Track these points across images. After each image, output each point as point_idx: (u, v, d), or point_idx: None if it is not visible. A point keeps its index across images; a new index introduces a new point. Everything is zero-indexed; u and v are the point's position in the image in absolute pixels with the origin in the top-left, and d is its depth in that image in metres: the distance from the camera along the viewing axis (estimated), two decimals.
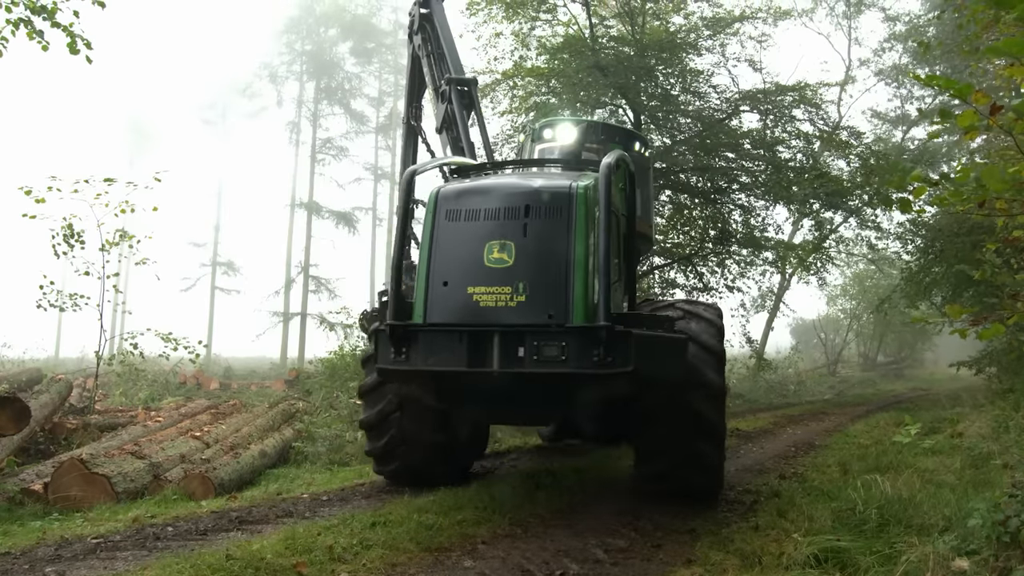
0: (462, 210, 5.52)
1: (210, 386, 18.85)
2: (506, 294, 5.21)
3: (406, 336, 5.29)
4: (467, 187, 5.78)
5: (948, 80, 3.09)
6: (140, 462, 7.47)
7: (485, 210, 5.46)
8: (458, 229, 5.48)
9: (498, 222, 5.39)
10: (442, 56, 10.57)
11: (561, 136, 8.47)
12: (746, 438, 10.99)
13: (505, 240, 5.30)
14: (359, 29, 40.74)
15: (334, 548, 4.50)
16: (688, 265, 20.82)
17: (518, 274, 5.22)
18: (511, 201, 5.46)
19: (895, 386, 29.31)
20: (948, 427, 10.33)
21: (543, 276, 5.25)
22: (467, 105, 9.81)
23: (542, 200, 5.44)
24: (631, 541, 4.98)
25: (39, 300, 12.17)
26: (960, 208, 3.58)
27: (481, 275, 5.26)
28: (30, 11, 7.85)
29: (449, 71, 10.28)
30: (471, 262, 5.32)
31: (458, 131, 9.62)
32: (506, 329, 5.10)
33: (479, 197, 5.57)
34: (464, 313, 5.25)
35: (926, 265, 17.88)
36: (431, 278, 5.41)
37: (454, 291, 5.31)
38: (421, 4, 11.07)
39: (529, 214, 5.37)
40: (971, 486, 5.92)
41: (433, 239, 5.51)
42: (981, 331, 4.44)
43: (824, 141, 19.63)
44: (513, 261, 5.25)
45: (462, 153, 9.27)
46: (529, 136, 8.99)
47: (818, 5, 31.28)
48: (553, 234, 5.33)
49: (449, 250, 5.45)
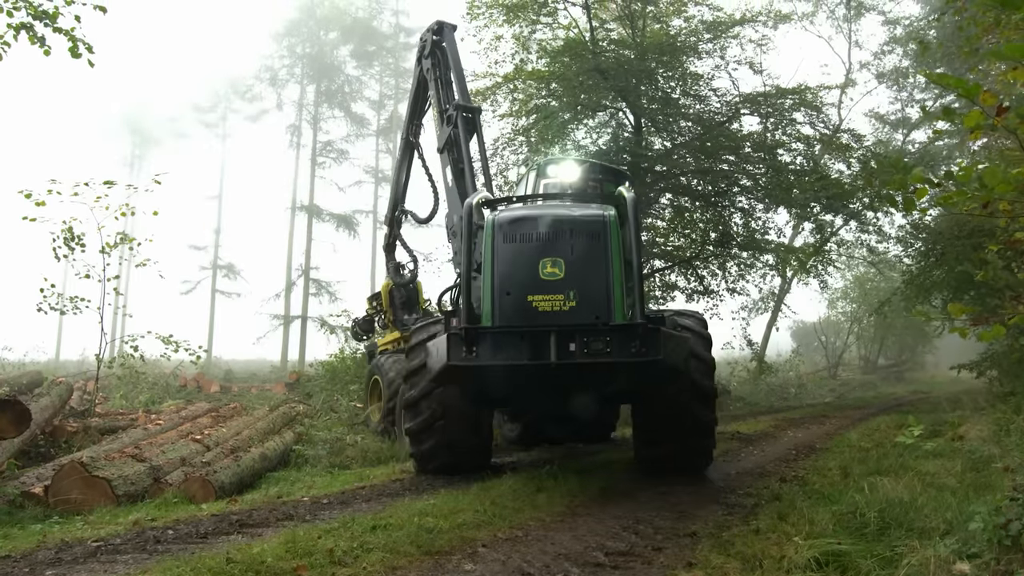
0: (517, 234, 6.78)
1: (210, 389, 18.85)
2: (559, 300, 6.51)
3: (477, 337, 6.35)
4: (520, 215, 7.02)
5: (958, 79, 3.09)
6: (140, 465, 7.46)
7: (537, 234, 6.74)
8: (515, 249, 6.73)
9: (549, 243, 6.68)
10: (449, 82, 11.35)
11: (565, 174, 9.49)
12: (747, 441, 10.98)
13: (556, 257, 6.61)
14: (359, 32, 40.81)
15: (334, 551, 4.50)
16: (689, 268, 20.83)
17: (568, 284, 6.54)
18: (559, 226, 6.77)
19: (896, 389, 29.30)
20: (949, 430, 10.32)
21: (588, 285, 6.58)
22: (470, 131, 10.66)
23: (583, 226, 6.81)
24: (631, 544, 4.97)
25: (39, 303, 12.18)
26: (964, 209, 3.58)
27: (538, 286, 6.54)
28: (32, 16, 7.87)
29: (455, 97, 11.05)
30: (529, 275, 6.59)
31: (459, 153, 10.54)
32: (561, 328, 6.31)
33: (531, 223, 6.85)
34: (525, 316, 6.49)
35: (927, 268, 17.88)
36: (496, 289, 6.63)
37: (516, 299, 6.56)
38: (435, 32, 11.70)
39: (573, 236, 6.73)
40: (972, 489, 5.91)
41: (495, 258, 6.74)
42: (982, 333, 4.44)
43: (825, 144, 19.64)
44: (564, 274, 6.57)
45: (461, 175, 10.34)
46: (534, 171, 9.77)
47: (818, 8, 31.33)
48: (593, 252, 6.70)
49: (509, 266, 6.69)
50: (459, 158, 10.68)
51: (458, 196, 10.61)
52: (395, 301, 13.29)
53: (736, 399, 21.42)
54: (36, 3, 7.84)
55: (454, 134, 10.80)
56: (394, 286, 13.36)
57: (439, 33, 11.72)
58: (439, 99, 11.44)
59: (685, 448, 7.65)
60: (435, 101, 11.58)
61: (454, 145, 10.86)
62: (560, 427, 10.22)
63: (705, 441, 7.75)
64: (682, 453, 7.69)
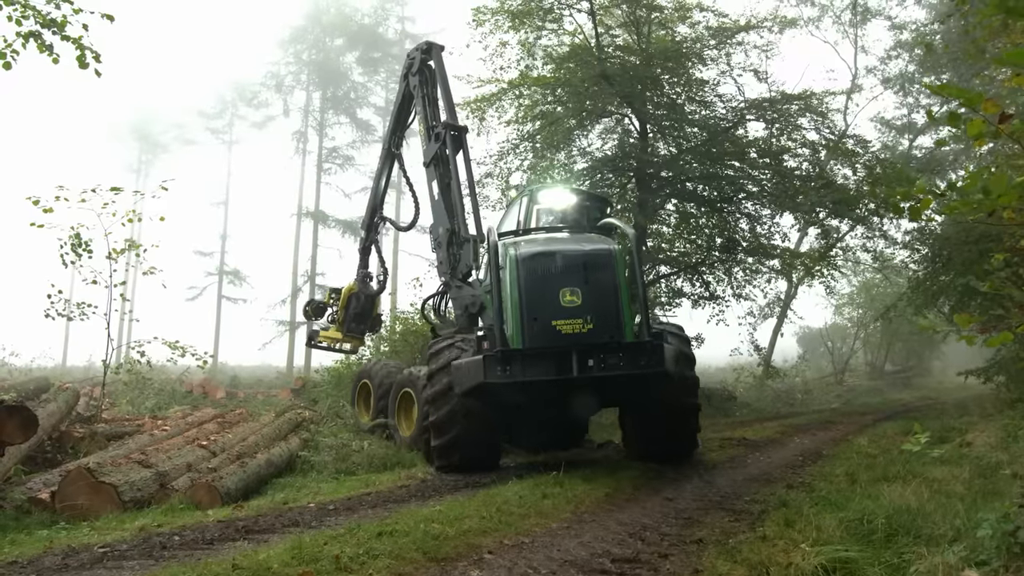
0: (539, 267, 7.85)
1: (216, 395, 18.87)
2: (579, 324, 7.65)
3: (510, 357, 7.52)
4: (540, 251, 8.07)
5: (959, 89, 3.09)
6: (147, 471, 7.47)
7: (556, 267, 7.85)
8: (539, 281, 7.79)
9: (567, 275, 7.80)
10: (435, 100, 12.06)
11: (557, 201, 10.71)
12: (753, 447, 10.95)
13: (574, 287, 7.73)
14: (365, 39, 40.88)
15: (340, 558, 4.49)
16: (695, 274, 20.80)
17: (586, 310, 7.69)
18: (574, 260, 7.96)
19: (903, 395, 29.16)
20: (956, 436, 10.28)
21: (602, 310, 7.75)
22: (456, 148, 11.30)
23: (594, 259, 7.99)
24: (637, 551, 4.96)
25: (47, 309, 12.22)
26: (971, 218, 3.58)
27: (560, 312, 7.66)
28: (40, 24, 7.91)
29: (441, 115, 11.75)
30: (552, 303, 7.69)
31: (446, 169, 11.24)
32: (581, 348, 7.50)
33: (551, 258, 7.95)
34: (551, 339, 7.61)
35: (933, 273, 17.81)
36: (524, 316, 7.71)
37: (542, 324, 7.66)
38: (423, 51, 12.37)
39: (587, 269, 7.88)
40: (980, 496, 5.89)
41: (521, 289, 7.78)
42: (990, 339, 4.42)
43: (830, 150, 19.61)
44: (581, 301, 7.71)
45: (447, 189, 11.12)
46: (526, 196, 10.70)
47: (824, 13, 31.30)
48: (604, 281, 7.88)
49: (534, 296, 7.75)
50: (446, 173, 11.29)
51: (444, 209, 11.19)
52: (350, 308, 13.86)
53: (742, 405, 21.36)
54: (44, 11, 7.87)
55: (441, 151, 11.38)
56: (356, 293, 13.84)
57: (428, 52, 12.32)
58: (426, 116, 12.03)
59: (676, 434, 8.92)
60: (422, 117, 12.17)
61: (441, 161, 11.43)
62: (537, 436, 10.77)
63: (692, 424, 9.07)
64: (674, 439, 8.95)
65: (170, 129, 49.29)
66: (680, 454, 9.09)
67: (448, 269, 11.10)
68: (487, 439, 8.60)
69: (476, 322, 10.42)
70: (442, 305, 12.02)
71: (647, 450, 9.01)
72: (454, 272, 10.97)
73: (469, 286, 10.70)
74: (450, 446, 8.36)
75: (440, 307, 12.07)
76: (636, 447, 9.27)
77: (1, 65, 7.86)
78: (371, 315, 14.00)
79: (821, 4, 31.04)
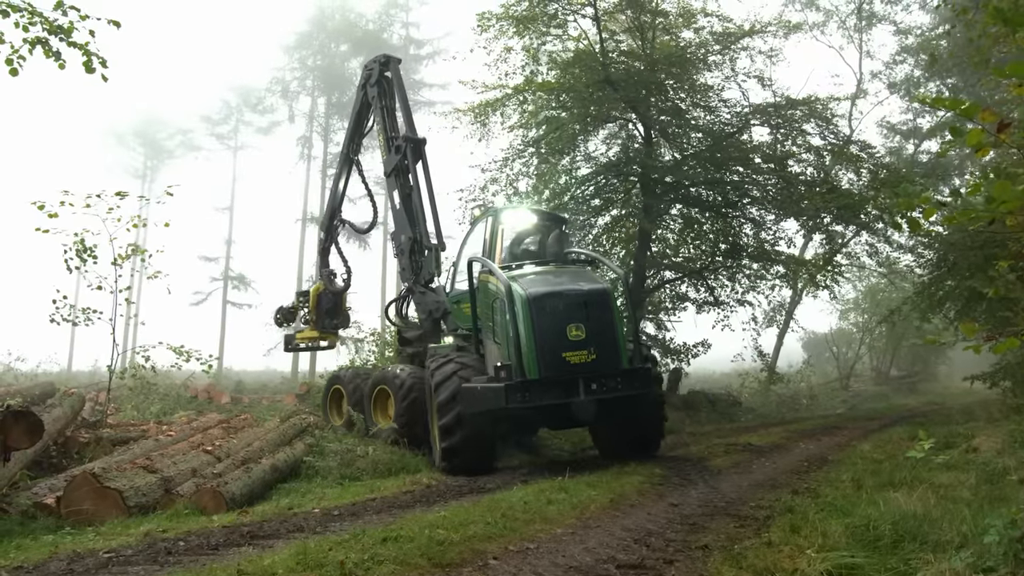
0: (547, 306, 8.84)
1: (221, 400, 18.87)
2: (584, 354, 8.77)
3: (527, 386, 8.56)
4: (547, 292, 9.01)
5: (954, 100, 3.09)
6: (152, 476, 7.47)
7: (562, 305, 8.90)
8: (547, 318, 8.79)
9: (572, 312, 8.88)
10: (394, 111, 12.67)
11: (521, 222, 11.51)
12: (758, 453, 10.92)
13: (579, 323, 8.82)
14: (370, 44, 40.92)
15: (345, 563, 4.49)
16: (699, 279, 20.78)
17: (589, 343, 8.81)
18: (577, 299, 9.02)
19: (908, 400, 29.07)
20: (963, 442, 10.23)
21: (602, 342, 8.90)
22: (416, 159, 11.82)
23: (594, 297, 9.10)
24: (642, 557, 4.94)
25: (52, 314, 12.19)
26: (975, 226, 3.58)
27: (568, 345, 8.74)
28: (47, 31, 7.94)
29: (400, 127, 12.37)
30: (560, 337, 8.75)
31: (407, 179, 11.87)
32: (586, 375, 8.68)
33: (558, 298, 8.96)
34: (561, 368, 8.69)
35: (938, 279, 17.76)
36: (538, 349, 8.69)
37: (553, 356, 8.70)
38: (382, 64, 12.96)
39: (588, 307, 8.98)
40: (987, 502, 5.86)
41: (535, 325, 8.75)
42: (996, 345, 4.41)
43: (835, 155, 19.59)
44: (585, 335, 8.81)
45: (408, 199, 11.79)
46: (491, 218, 11.16)
47: (829, 18, 31.33)
48: (604, 317, 9.05)
49: (544, 331, 8.75)
50: (406, 184, 11.92)
51: (405, 218, 11.87)
52: (321, 305, 14.23)
53: (747, 410, 21.33)
54: (51, 18, 7.91)
55: (402, 162, 11.97)
56: (324, 291, 14.27)
57: (386, 65, 12.89)
58: (385, 127, 12.66)
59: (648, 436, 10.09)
60: (380, 128, 12.79)
61: (401, 172, 12.04)
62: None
63: (660, 426, 10.32)
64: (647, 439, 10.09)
65: (175, 134, 49.52)
66: (648, 450, 10.09)
67: (411, 275, 11.85)
68: (487, 443, 9.41)
69: (439, 326, 11.55)
70: (404, 308, 12.84)
71: (618, 449, 9.98)
72: (417, 278, 11.71)
73: (432, 292, 11.58)
74: (455, 447, 9.13)
75: (403, 310, 12.87)
76: (609, 447, 10.34)
77: (8, 71, 7.90)
78: (342, 309, 14.49)
79: (826, 9, 31.12)
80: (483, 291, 10.13)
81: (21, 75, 8.05)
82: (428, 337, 11.74)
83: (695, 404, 19.13)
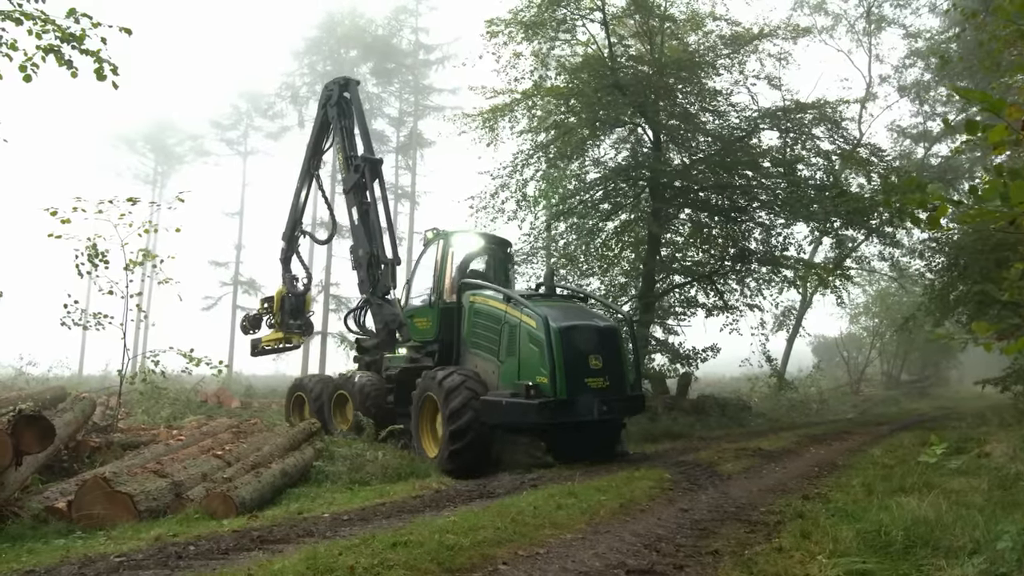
0: (574, 338, 10.02)
1: (231, 404, 18.93)
2: (600, 380, 10.12)
3: (554, 405, 9.64)
4: (571, 326, 10.12)
5: (983, 94, 3.06)
6: (162, 480, 7.50)
7: (584, 339, 10.14)
8: (574, 348, 9.98)
9: (593, 344, 10.21)
10: (352, 131, 13.26)
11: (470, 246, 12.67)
12: (768, 457, 10.88)
13: (597, 354, 10.19)
14: (379, 50, 41.16)
15: (355, 568, 4.49)
16: (708, 283, 20.73)
17: (605, 371, 10.19)
18: (596, 334, 10.37)
19: (919, 405, 28.90)
20: (974, 447, 10.17)
21: (615, 371, 10.36)
22: (373, 179, 12.58)
23: (609, 333, 10.62)
24: (652, 562, 4.93)
25: (63, 318, 12.27)
26: (994, 226, 3.54)
27: (589, 372, 10.04)
28: (59, 38, 7.99)
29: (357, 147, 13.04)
30: (583, 366, 10.00)
31: (364, 197, 12.57)
32: (603, 398, 10.02)
33: (579, 332, 10.15)
34: (583, 391, 9.90)
35: (950, 283, 17.67)
36: (568, 375, 9.76)
37: (577, 381, 9.89)
38: (341, 86, 13.56)
39: (603, 340, 10.41)
40: (1000, 507, 5.82)
41: (565, 355, 9.81)
42: (1007, 346, 4.38)
43: (845, 159, 19.52)
44: (602, 365, 10.18)
45: (366, 215, 12.47)
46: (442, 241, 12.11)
47: (838, 22, 31.23)
48: (617, 350, 10.58)
49: (570, 360, 9.86)
50: (364, 201, 12.57)
51: (364, 234, 12.49)
52: (285, 307, 14.98)
53: (757, 415, 21.23)
54: (64, 26, 7.96)
55: (360, 181, 12.62)
56: (287, 295, 15.01)
57: (345, 87, 13.49)
58: (344, 147, 13.25)
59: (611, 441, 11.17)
60: (339, 148, 13.37)
61: (360, 190, 12.66)
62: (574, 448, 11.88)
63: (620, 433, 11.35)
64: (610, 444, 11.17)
65: (186, 140, 49.77)
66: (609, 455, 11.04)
67: (369, 287, 12.36)
68: (489, 448, 10.36)
69: (394, 337, 12.16)
70: (362, 318, 13.42)
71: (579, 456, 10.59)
72: (375, 290, 12.25)
73: (389, 304, 12.18)
74: (462, 450, 9.98)
75: (360, 319, 13.54)
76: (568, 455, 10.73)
77: (22, 78, 7.96)
78: (304, 311, 15.24)
79: (835, 13, 31.02)
80: (478, 313, 11.18)
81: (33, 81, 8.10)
82: (384, 346, 12.79)
83: (705, 409, 19.07)
